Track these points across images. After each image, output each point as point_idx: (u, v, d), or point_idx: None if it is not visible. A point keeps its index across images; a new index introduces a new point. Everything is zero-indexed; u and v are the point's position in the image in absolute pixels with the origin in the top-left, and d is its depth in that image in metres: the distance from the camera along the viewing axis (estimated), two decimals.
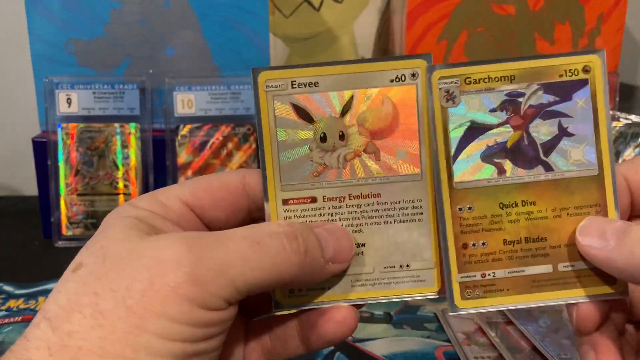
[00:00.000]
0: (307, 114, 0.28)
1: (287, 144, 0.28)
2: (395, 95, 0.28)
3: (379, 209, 0.28)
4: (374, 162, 0.28)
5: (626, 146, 0.70)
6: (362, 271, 0.28)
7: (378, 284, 0.28)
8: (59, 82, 0.67)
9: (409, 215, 0.28)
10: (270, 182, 0.28)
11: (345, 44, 0.92)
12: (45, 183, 0.67)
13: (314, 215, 0.28)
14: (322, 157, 0.28)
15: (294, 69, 0.27)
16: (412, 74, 0.28)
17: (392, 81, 0.28)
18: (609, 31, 0.75)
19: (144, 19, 0.68)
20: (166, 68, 0.69)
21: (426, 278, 0.28)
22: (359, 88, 0.27)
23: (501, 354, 0.43)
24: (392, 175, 0.28)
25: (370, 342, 0.46)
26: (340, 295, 0.28)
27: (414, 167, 0.28)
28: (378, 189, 0.28)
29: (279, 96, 0.27)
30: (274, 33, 0.90)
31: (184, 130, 0.67)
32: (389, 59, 0.28)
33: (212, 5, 0.68)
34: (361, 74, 0.27)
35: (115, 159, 0.67)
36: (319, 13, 0.90)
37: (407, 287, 0.28)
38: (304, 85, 0.27)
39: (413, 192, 0.28)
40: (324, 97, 0.27)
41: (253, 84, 0.27)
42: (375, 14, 0.91)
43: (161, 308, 0.22)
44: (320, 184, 0.28)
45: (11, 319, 0.51)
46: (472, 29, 0.75)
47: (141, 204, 0.26)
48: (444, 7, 0.74)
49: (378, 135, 0.28)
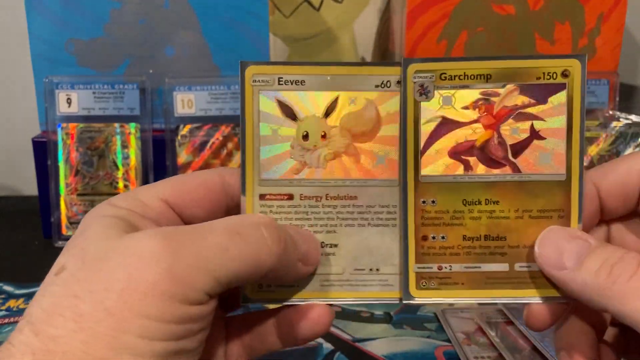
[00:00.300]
0: (291, 111, 0.28)
1: (268, 139, 0.28)
2: (379, 101, 0.28)
3: (355, 211, 0.28)
4: (354, 164, 0.28)
5: (626, 146, 0.70)
6: (331, 271, 0.28)
7: (347, 285, 0.28)
8: (59, 82, 0.67)
9: (384, 220, 0.28)
10: (249, 175, 0.28)
11: (345, 44, 0.92)
12: (45, 183, 0.67)
13: (290, 213, 0.28)
14: (303, 155, 0.28)
15: (281, 66, 0.27)
16: (398, 81, 0.28)
17: (377, 86, 0.28)
18: (609, 31, 0.75)
19: (144, 18, 0.68)
20: (166, 68, 0.69)
21: (394, 283, 0.29)
22: (345, 90, 0.28)
23: (501, 354, 0.43)
24: (370, 179, 0.28)
25: (370, 342, 0.46)
26: (308, 294, 0.28)
27: (392, 173, 0.28)
28: (355, 192, 0.28)
29: (264, 91, 0.27)
30: (274, 33, 0.89)
31: (184, 130, 0.67)
32: (376, 64, 0.28)
33: (212, 5, 0.68)
34: (348, 77, 0.28)
35: (115, 159, 0.67)
36: (319, 13, 0.90)
37: (375, 291, 0.29)
38: (290, 82, 0.27)
39: (389, 198, 0.28)
40: (309, 96, 0.28)
41: (240, 77, 0.27)
42: (375, 14, 0.91)
43: (140, 307, 0.22)
44: (298, 181, 0.28)
45: (11, 319, 0.51)
46: (472, 29, 0.75)
47: (120, 202, 0.26)
48: (444, 7, 0.74)
49: (359, 138, 0.28)
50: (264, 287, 0.28)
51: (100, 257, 0.23)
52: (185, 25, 0.69)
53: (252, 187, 0.28)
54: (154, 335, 0.22)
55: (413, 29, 0.74)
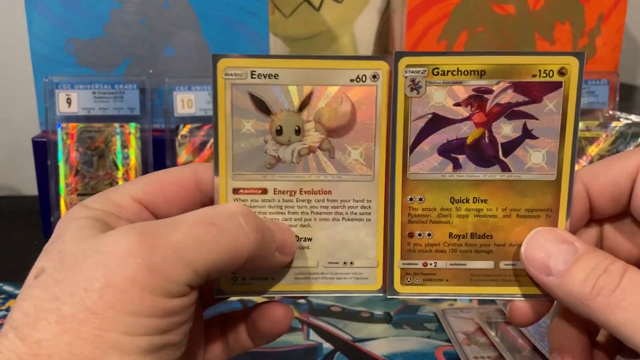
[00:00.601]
0: (264, 105, 0.27)
1: (242, 133, 0.27)
2: (355, 95, 0.28)
3: (329, 205, 0.28)
4: (328, 159, 0.28)
5: (626, 146, 0.70)
6: (306, 264, 0.28)
7: (321, 278, 0.29)
8: (58, 82, 0.67)
9: (358, 214, 0.28)
10: (222, 170, 0.28)
11: (345, 43, 0.92)
12: (45, 183, 0.67)
13: (264, 207, 0.28)
14: (277, 149, 0.28)
15: (254, 59, 0.27)
16: (373, 75, 0.27)
17: (352, 80, 0.27)
18: (609, 31, 0.75)
19: (144, 18, 0.68)
20: (166, 68, 0.69)
21: (368, 276, 0.29)
22: (319, 84, 0.27)
23: (501, 354, 0.43)
24: (344, 174, 0.28)
25: (370, 342, 0.46)
26: (283, 286, 0.28)
27: (367, 168, 0.28)
28: (329, 186, 0.28)
29: (237, 85, 0.27)
30: (274, 33, 0.89)
31: (184, 130, 0.67)
32: (351, 58, 0.27)
33: (212, 5, 0.68)
34: (322, 71, 0.27)
35: (115, 159, 0.67)
36: (319, 13, 0.90)
37: (349, 284, 0.29)
38: (263, 76, 0.27)
39: (363, 192, 0.28)
40: (283, 90, 0.27)
41: (212, 70, 0.27)
42: (375, 14, 0.91)
43: (122, 304, 0.22)
44: (272, 176, 0.28)
45: None
46: (472, 29, 0.75)
47: (94, 204, 0.26)
48: (444, 7, 0.74)
49: (334, 133, 0.28)
50: (238, 279, 0.28)
51: (78, 258, 0.23)
52: (185, 25, 0.69)
53: (225, 182, 0.28)
54: (138, 330, 0.22)
55: (413, 28, 0.74)
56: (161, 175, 0.28)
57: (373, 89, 0.27)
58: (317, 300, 0.52)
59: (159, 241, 0.23)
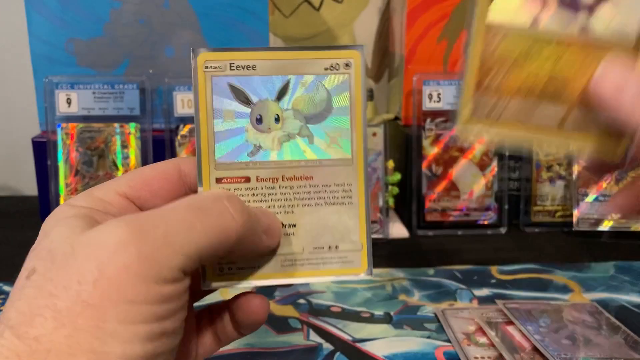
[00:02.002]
0: (244, 95, 0.28)
1: (222, 124, 0.28)
2: (329, 83, 0.29)
3: (311, 191, 0.29)
4: (307, 145, 0.29)
5: None
6: (292, 251, 0.29)
7: (307, 264, 0.29)
8: (58, 82, 0.67)
9: (339, 198, 0.29)
10: (205, 160, 0.28)
11: (345, 43, 0.92)
12: (45, 183, 0.67)
13: (247, 195, 0.29)
14: (257, 138, 0.28)
15: (232, 52, 0.28)
16: (346, 63, 0.29)
17: (326, 69, 0.29)
18: None
19: (144, 18, 0.68)
20: (166, 68, 0.69)
21: (353, 259, 0.29)
22: (295, 74, 0.28)
23: (501, 354, 0.43)
24: (324, 159, 0.29)
25: (370, 342, 0.46)
26: (269, 275, 0.29)
27: (345, 152, 0.29)
28: (310, 172, 0.29)
29: (217, 77, 0.28)
30: (274, 33, 0.89)
31: (183, 130, 0.67)
32: (324, 48, 0.28)
33: (212, 5, 0.68)
34: (298, 61, 0.28)
35: (115, 158, 0.67)
36: (319, 13, 0.90)
37: (335, 268, 0.29)
38: (242, 67, 0.28)
39: (344, 176, 0.29)
40: (261, 80, 0.28)
41: (192, 63, 0.27)
42: (376, 14, 0.91)
43: (117, 293, 0.22)
44: (254, 164, 0.29)
45: None
46: None
47: (79, 202, 0.26)
48: (444, 7, 0.74)
49: (312, 120, 0.29)
50: (224, 270, 0.29)
51: (68, 254, 0.23)
52: (185, 25, 0.69)
53: (208, 172, 0.28)
54: (135, 318, 0.22)
55: (413, 28, 0.74)
56: (145, 170, 0.29)
57: (347, 77, 0.29)
58: (317, 300, 0.52)
59: (148, 229, 0.23)
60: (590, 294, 0.54)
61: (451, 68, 0.75)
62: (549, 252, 0.65)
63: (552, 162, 0.73)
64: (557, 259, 0.62)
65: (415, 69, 0.74)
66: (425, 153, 0.71)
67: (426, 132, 0.71)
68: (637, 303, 0.52)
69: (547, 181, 0.73)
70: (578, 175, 0.70)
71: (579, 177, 0.70)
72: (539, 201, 0.73)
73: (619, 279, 0.57)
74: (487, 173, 0.72)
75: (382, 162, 0.68)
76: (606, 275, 0.58)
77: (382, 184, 0.68)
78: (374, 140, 0.68)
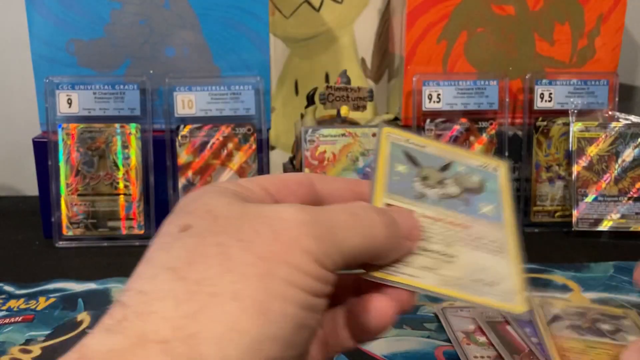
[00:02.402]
0: (415, 159, 0.33)
1: (396, 171, 0.32)
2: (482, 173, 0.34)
3: (468, 237, 0.31)
4: (465, 206, 0.32)
5: (625, 147, 0.70)
6: (453, 274, 0.29)
7: (467, 289, 0.29)
8: (59, 82, 0.67)
9: (494, 248, 0.31)
10: (379, 187, 0.31)
11: (345, 44, 0.92)
12: (45, 183, 0.68)
13: None
14: (424, 190, 0.32)
15: (409, 133, 0.33)
16: (494, 167, 0.34)
17: (479, 166, 0.34)
18: (608, 32, 0.75)
19: (145, 19, 0.68)
20: (166, 68, 0.69)
21: (512, 299, 0.29)
22: (455, 160, 0.34)
23: (500, 353, 0.43)
24: (479, 219, 0.32)
25: (371, 342, 0.46)
26: (429, 287, 0.29)
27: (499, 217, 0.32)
28: (469, 222, 0.31)
29: (395, 143, 0.33)
30: (274, 33, 0.90)
31: (184, 131, 0.68)
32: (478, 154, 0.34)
33: (213, 5, 0.69)
34: (458, 154, 0.34)
35: (115, 159, 0.68)
36: (319, 13, 0.90)
37: (495, 300, 0.29)
38: (415, 144, 0.33)
39: (497, 234, 0.31)
40: (429, 155, 0.33)
41: (377, 132, 0.33)
42: (375, 15, 0.91)
43: (287, 257, 0.22)
44: (420, 204, 0.31)
45: (12, 319, 0.51)
46: (471, 29, 0.75)
47: (224, 184, 0.27)
48: (444, 7, 0.74)
49: (468, 192, 0.33)
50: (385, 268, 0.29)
51: (236, 217, 0.24)
52: (186, 25, 0.69)
53: (381, 195, 0.31)
54: (298, 284, 0.22)
55: (413, 29, 0.74)
56: (281, 174, 0.30)
57: (496, 173, 0.34)
58: None
59: (320, 219, 0.24)
60: (589, 294, 0.54)
61: (451, 69, 0.75)
62: (549, 252, 0.65)
63: (551, 163, 0.73)
64: (557, 259, 0.63)
65: (414, 70, 0.74)
66: None
67: (426, 133, 0.72)
68: (636, 303, 0.52)
69: (546, 181, 0.73)
70: (577, 175, 0.70)
71: (578, 178, 0.70)
72: (539, 201, 0.73)
73: (618, 279, 0.57)
74: None
75: None
76: (605, 275, 0.58)
77: None
78: (373, 140, 0.68)
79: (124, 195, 0.68)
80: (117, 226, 0.68)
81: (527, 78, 0.73)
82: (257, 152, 0.69)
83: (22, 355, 0.45)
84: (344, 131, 0.68)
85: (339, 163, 0.68)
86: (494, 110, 0.73)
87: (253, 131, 0.68)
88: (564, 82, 0.74)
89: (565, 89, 0.74)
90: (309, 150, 0.67)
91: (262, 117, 0.69)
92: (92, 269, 0.61)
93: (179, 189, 0.68)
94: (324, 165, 0.67)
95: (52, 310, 0.52)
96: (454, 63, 0.75)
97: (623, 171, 0.70)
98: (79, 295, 0.55)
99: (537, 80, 0.73)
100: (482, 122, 0.72)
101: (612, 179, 0.70)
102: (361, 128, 0.68)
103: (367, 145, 0.68)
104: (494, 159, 0.35)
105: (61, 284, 0.57)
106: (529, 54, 0.76)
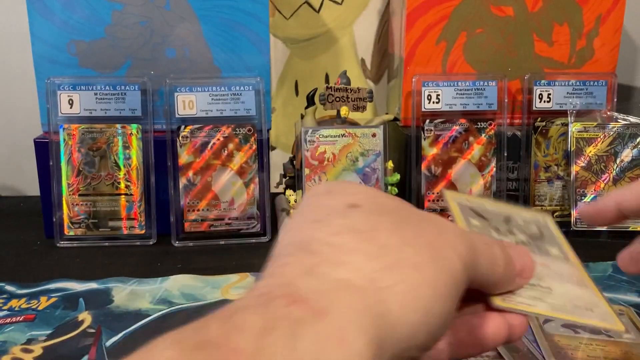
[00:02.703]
0: (481, 215, 0.35)
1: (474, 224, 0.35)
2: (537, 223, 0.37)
3: (553, 273, 0.34)
4: (536, 248, 0.35)
5: (624, 147, 0.71)
6: (556, 302, 0.32)
7: (572, 313, 0.32)
8: (60, 83, 0.67)
9: (576, 282, 0.34)
10: None
11: (345, 45, 0.92)
12: (47, 183, 0.68)
13: None
14: (501, 237, 0.34)
15: (469, 196, 0.37)
16: (543, 218, 0.38)
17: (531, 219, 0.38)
18: (607, 32, 0.76)
19: (146, 20, 0.69)
20: (167, 69, 0.69)
21: (611, 320, 0.32)
22: (512, 214, 0.37)
23: (500, 353, 0.44)
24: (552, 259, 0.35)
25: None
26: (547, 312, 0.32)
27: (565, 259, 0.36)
28: (546, 262, 0.34)
29: (461, 204, 0.36)
30: (275, 34, 0.90)
31: (185, 131, 0.68)
32: (525, 209, 0.38)
33: (213, 6, 0.69)
34: (508, 208, 0.37)
35: (116, 159, 0.68)
36: (319, 14, 0.90)
37: (597, 320, 0.32)
38: (475, 202, 0.36)
39: (571, 270, 0.35)
40: (489, 210, 0.36)
41: (444, 196, 0.36)
42: (375, 16, 0.91)
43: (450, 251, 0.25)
44: None
45: (13, 319, 0.51)
46: (471, 30, 0.75)
47: None
48: (443, 8, 0.74)
49: (533, 238, 0.36)
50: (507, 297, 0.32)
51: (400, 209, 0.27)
52: (186, 26, 0.69)
53: None
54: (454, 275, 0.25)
55: (412, 30, 0.75)
56: None
57: (546, 224, 0.38)
58: None
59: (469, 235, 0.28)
60: None
61: (450, 69, 0.76)
62: None
63: (550, 163, 0.73)
64: None
65: (414, 70, 0.75)
66: (424, 154, 0.72)
67: (425, 133, 0.72)
68: (634, 302, 0.53)
69: (545, 181, 0.73)
70: (576, 175, 0.71)
71: (576, 178, 0.71)
72: (537, 201, 0.73)
73: (616, 279, 0.58)
74: (485, 173, 0.72)
75: (382, 162, 0.68)
76: (604, 274, 0.59)
77: (382, 185, 0.68)
78: (373, 140, 0.68)
79: (125, 196, 0.68)
80: (118, 226, 0.68)
81: (526, 79, 0.74)
82: (257, 152, 0.69)
83: (24, 355, 0.46)
84: (343, 131, 0.68)
85: (338, 163, 0.68)
86: (493, 110, 0.73)
87: (253, 131, 0.69)
88: (563, 82, 0.74)
89: (563, 90, 0.74)
90: (309, 151, 0.68)
91: (262, 117, 0.69)
92: (93, 268, 0.61)
93: (179, 189, 0.68)
94: (324, 165, 0.68)
95: (53, 310, 0.53)
96: (453, 64, 0.76)
97: (621, 171, 0.70)
98: (80, 294, 0.56)
99: (535, 80, 0.74)
100: (481, 123, 0.72)
101: (611, 179, 0.70)
102: (361, 128, 0.69)
103: (367, 145, 0.68)
104: (539, 212, 0.39)
105: (62, 283, 0.58)
106: (528, 55, 0.76)
